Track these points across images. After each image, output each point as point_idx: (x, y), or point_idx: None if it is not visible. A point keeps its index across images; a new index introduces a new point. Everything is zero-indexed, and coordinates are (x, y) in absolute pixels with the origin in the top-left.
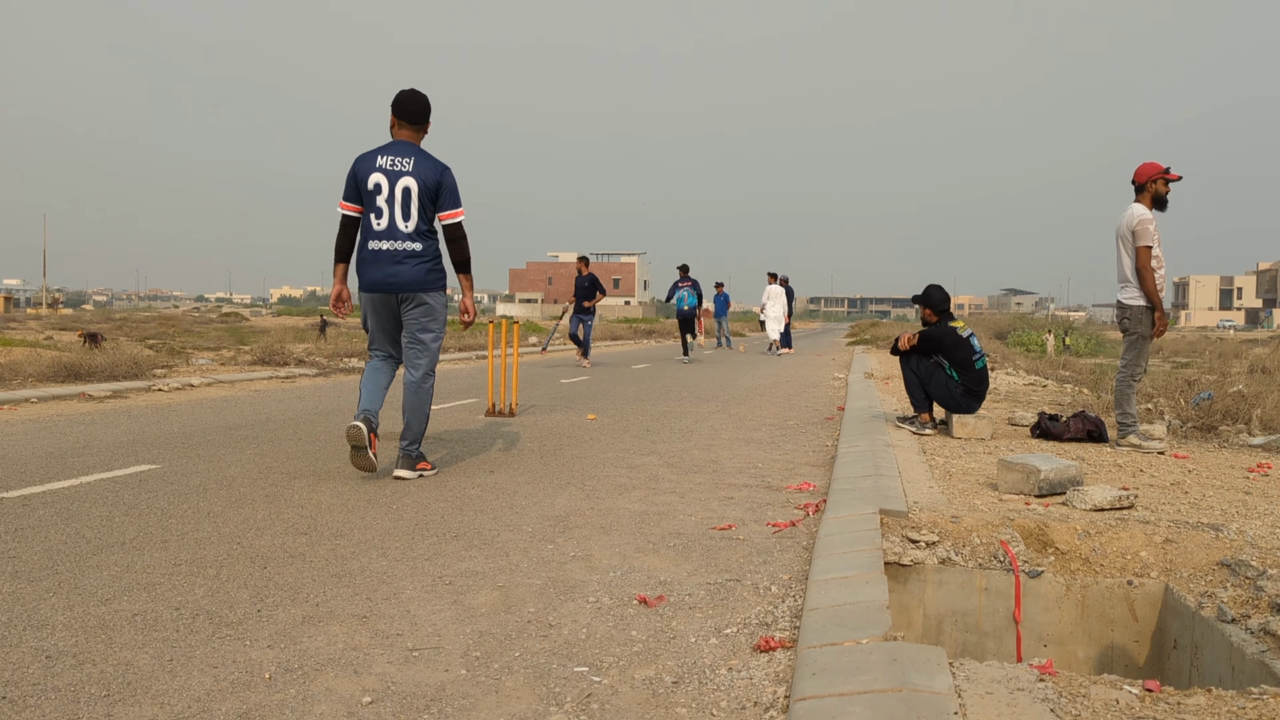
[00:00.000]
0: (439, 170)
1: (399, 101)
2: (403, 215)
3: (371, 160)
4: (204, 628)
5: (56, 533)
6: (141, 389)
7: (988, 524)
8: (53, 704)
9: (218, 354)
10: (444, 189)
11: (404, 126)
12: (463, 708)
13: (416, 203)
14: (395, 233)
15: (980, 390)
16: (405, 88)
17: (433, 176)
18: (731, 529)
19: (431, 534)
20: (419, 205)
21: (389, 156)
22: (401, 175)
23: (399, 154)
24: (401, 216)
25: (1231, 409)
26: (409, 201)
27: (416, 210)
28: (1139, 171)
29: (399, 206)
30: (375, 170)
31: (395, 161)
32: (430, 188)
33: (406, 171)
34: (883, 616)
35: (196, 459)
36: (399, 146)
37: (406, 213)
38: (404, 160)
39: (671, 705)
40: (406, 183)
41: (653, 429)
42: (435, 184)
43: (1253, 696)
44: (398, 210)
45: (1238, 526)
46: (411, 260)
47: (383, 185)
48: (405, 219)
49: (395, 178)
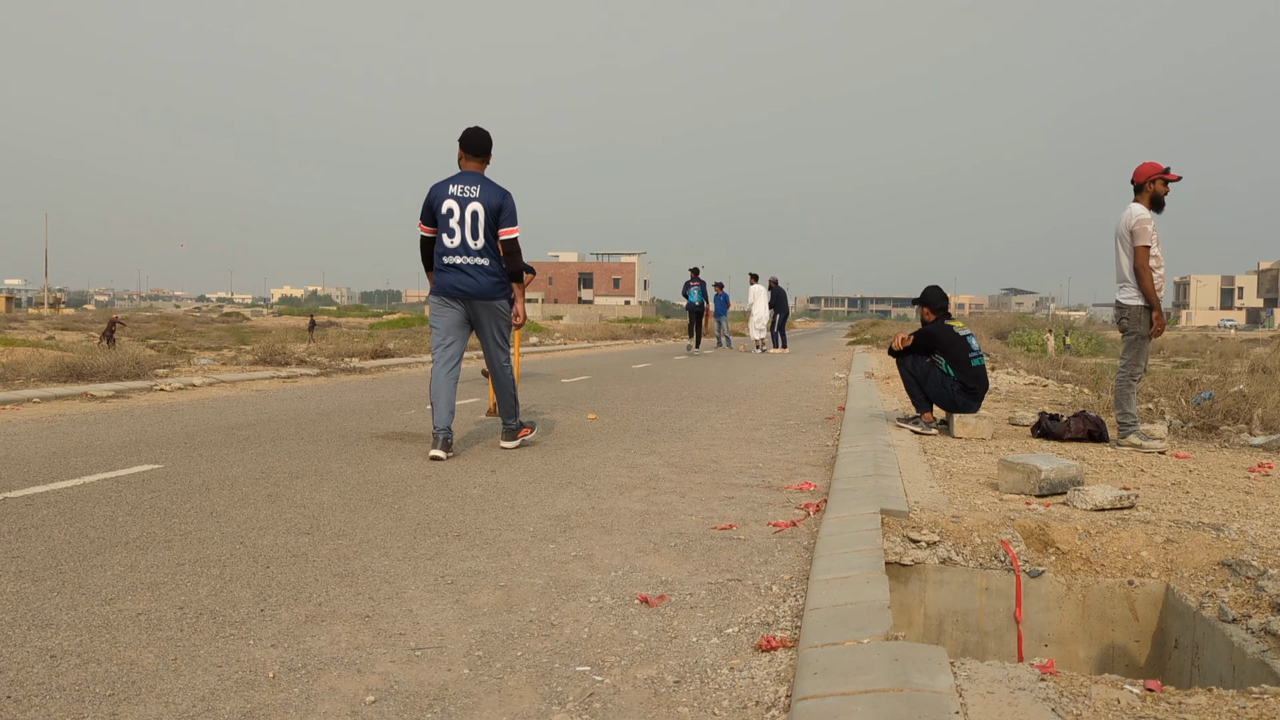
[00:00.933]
0: (501, 195)
1: (466, 137)
2: (472, 235)
3: (444, 188)
4: (208, 627)
5: (60, 532)
6: (144, 389)
7: (989, 524)
8: (57, 703)
9: (219, 354)
10: (504, 210)
11: (470, 158)
12: (465, 707)
13: (484, 224)
14: (466, 249)
15: (978, 389)
16: (470, 125)
17: (496, 200)
18: (732, 529)
19: (433, 533)
20: (485, 225)
21: (459, 185)
22: (470, 200)
23: (467, 182)
24: (471, 236)
25: (1232, 409)
26: (477, 223)
27: (484, 230)
28: (1138, 171)
29: (469, 227)
30: (448, 197)
31: (465, 189)
32: (494, 210)
33: (475, 197)
34: (884, 616)
35: (199, 459)
36: (467, 176)
37: (475, 232)
38: (472, 188)
39: (673, 704)
40: (475, 207)
41: (653, 429)
42: (498, 206)
43: (1254, 696)
44: (468, 230)
45: (1239, 526)
46: (480, 273)
47: (455, 210)
48: (474, 238)
49: (465, 203)
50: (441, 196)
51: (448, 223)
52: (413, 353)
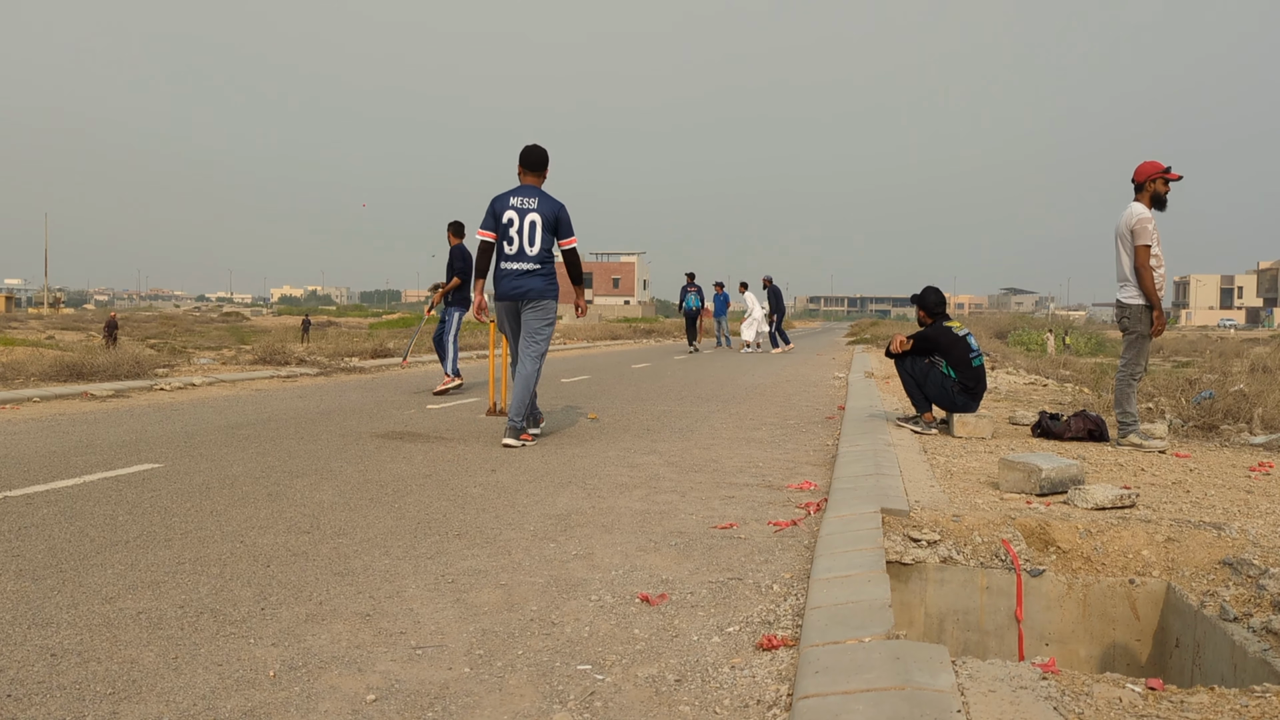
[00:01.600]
0: (557, 207)
1: (525, 154)
2: (529, 242)
3: (505, 200)
4: (208, 626)
5: (60, 531)
6: (143, 388)
7: (989, 523)
8: (58, 701)
9: (219, 353)
10: (561, 222)
11: (529, 173)
12: (466, 705)
13: (540, 233)
14: (523, 256)
15: (977, 389)
16: (529, 143)
17: (552, 212)
18: (733, 528)
19: (434, 532)
20: (541, 234)
21: (519, 197)
22: (529, 212)
23: (527, 195)
24: (528, 243)
25: (1233, 408)
26: (534, 232)
27: (540, 239)
28: (1139, 170)
29: (526, 236)
30: (509, 208)
31: (524, 201)
32: (550, 221)
33: (533, 209)
34: (885, 615)
35: (199, 458)
36: (526, 189)
37: (532, 240)
38: (531, 200)
39: (675, 703)
40: (532, 217)
41: (653, 428)
42: (554, 218)
43: (1256, 695)
44: (526, 238)
45: (1240, 525)
46: (533, 276)
47: (515, 219)
48: (531, 245)
49: (525, 213)
50: (503, 207)
51: (508, 231)
52: (412, 352)
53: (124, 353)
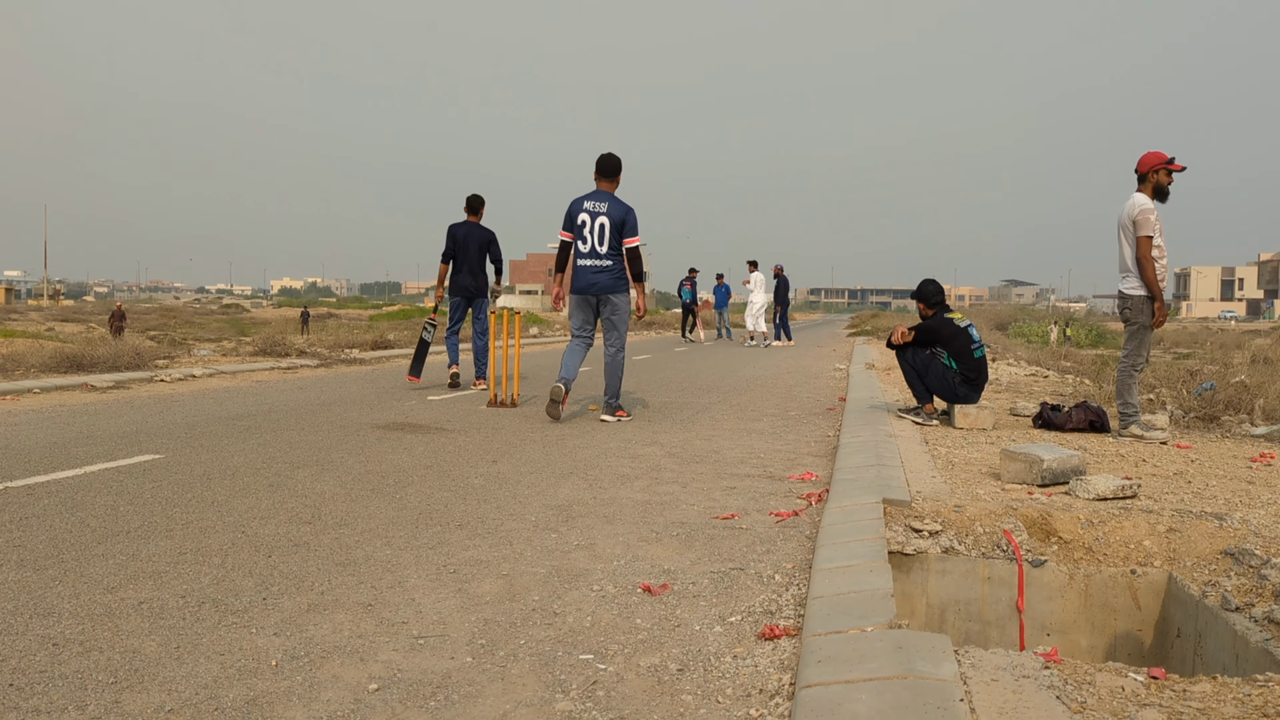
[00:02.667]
0: (625, 211)
1: (600, 162)
2: (599, 241)
3: (580, 203)
4: (210, 615)
5: (61, 522)
6: (144, 379)
7: (991, 513)
8: (60, 691)
9: (219, 345)
10: (627, 224)
11: (603, 180)
12: (469, 695)
13: (610, 234)
14: (595, 254)
15: (978, 380)
16: (605, 151)
17: (620, 215)
18: (734, 518)
19: (435, 523)
20: (610, 235)
21: (592, 201)
22: (600, 215)
23: (599, 200)
24: (598, 242)
25: (1234, 399)
26: (604, 233)
27: (609, 238)
28: (1141, 161)
29: (597, 236)
30: (582, 211)
31: (596, 205)
32: (618, 223)
33: (603, 212)
34: (887, 604)
35: (200, 449)
36: (599, 194)
37: (602, 240)
38: (601, 204)
39: (677, 692)
40: (603, 220)
41: (654, 419)
42: (621, 220)
43: (1258, 684)
44: (596, 238)
45: (1241, 515)
46: (603, 273)
47: (588, 221)
48: (601, 244)
49: (595, 216)
50: (577, 210)
51: (582, 231)
52: (412, 344)
53: (124, 344)
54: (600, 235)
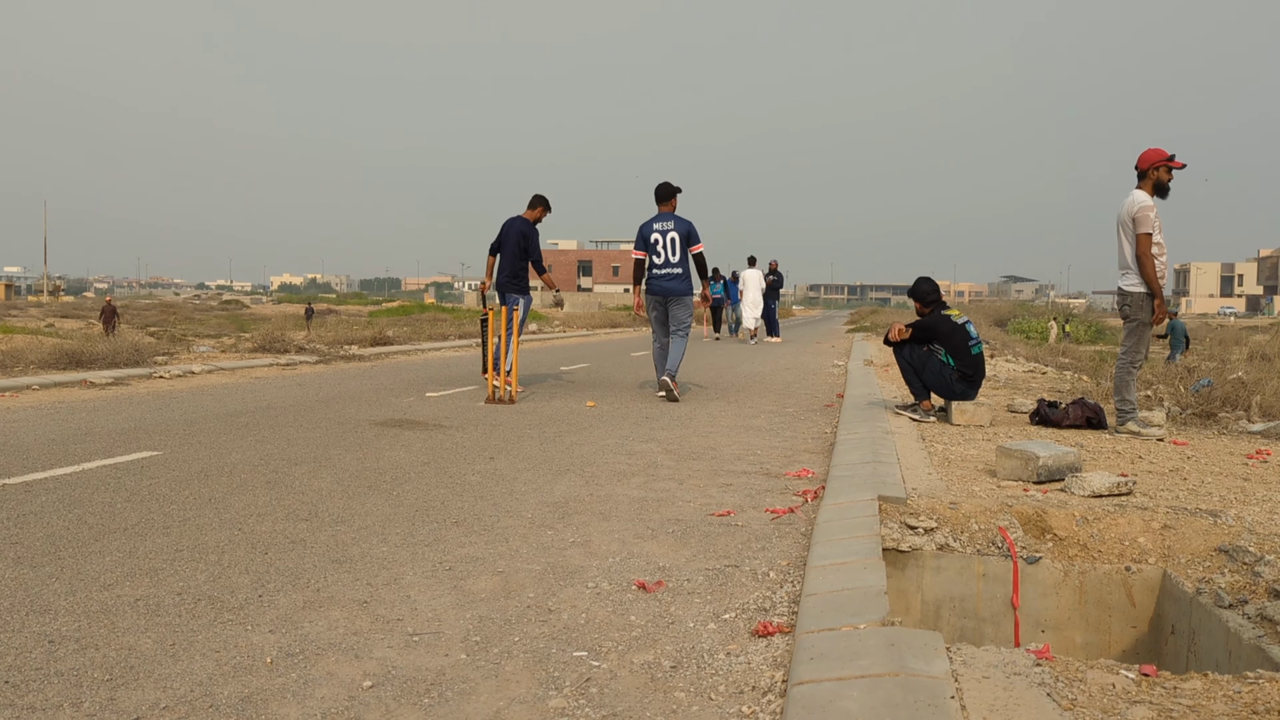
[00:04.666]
0: (687, 225)
1: (657, 190)
2: (671, 254)
3: (650, 225)
4: (205, 613)
5: (59, 519)
6: (143, 376)
7: (986, 510)
8: (55, 688)
9: (219, 341)
10: (690, 235)
11: (662, 204)
12: (463, 692)
13: (679, 246)
14: (668, 264)
15: (976, 376)
16: (661, 181)
17: (684, 229)
18: (730, 515)
19: (431, 520)
20: (680, 247)
21: (660, 222)
22: (669, 232)
23: (665, 220)
24: (671, 254)
25: (1231, 396)
26: (675, 245)
27: (679, 250)
28: (1142, 157)
29: (669, 249)
30: (654, 231)
31: (664, 225)
32: (684, 235)
33: (671, 229)
34: (881, 602)
35: (198, 445)
36: (663, 216)
37: (674, 252)
38: (668, 223)
39: (670, 689)
40: (672, 235)
41: (651, 416)
42: (686, 233)
43: (1249, 681)
44: (669, 251)
45: (1236, 513)
46: (675, 280)
47: (659, 239)
48: (674, 255)
49: (665, 234)
50: (649, 231)
51: (655, 247)
52: (412, 340)
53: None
54: (672, 248)
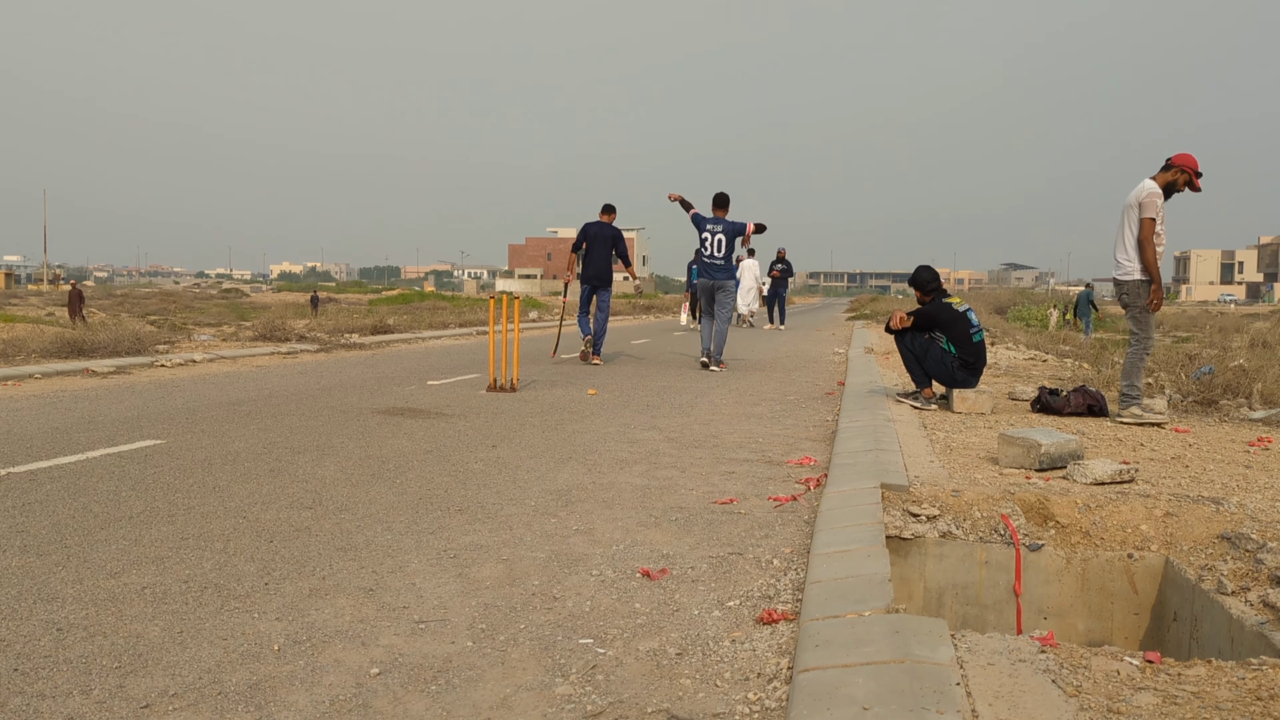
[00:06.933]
0: (735, 226)
1: (715, 197)
2: (717, 250)
3: (704, 222)
4: (212, 600)
5: (64, 507)
6: (144, 365)
7: (988, 498)
8: (64, 675)
9: (219, 330)
10: (736, 231)
11: (717, 209)
12: (470, 679)
13: (725, 245)
14: (714, 257)
15: (977, 364)
16: (719, 190)
17: (732, 230)
18: (733, 503)
19: (435, 508)
20: (725, 245)
21: (713, 224)
22: (718, 232)
23: (717, 223)
24: (716, 250)
25: (1232, 383)
26: (721, 245)
27: (724, 247)
28: (1179, 155)
29: (715, 246)
30: (707, 230)
31: (715, 226)
32: (730, 234)
33: (720, 230)
34: (885, 589)
35: (201, 434)
36: (716, 219)
37: (719, 248)
38: (719, 226)
39: (676, 676)
40: (720, 236)
41: (653, 404)
42: (733, 234)
43: (1252, 667)
44: (715, 247)
45: (1238, 500)
46: (720, 270)
47: (709, 237)
48: (719, 251)
49: (715, 233)
50: (704, 225)
51: (706, 242)
52: (412, 329)
53: (124, 329)
54: (719, 246)
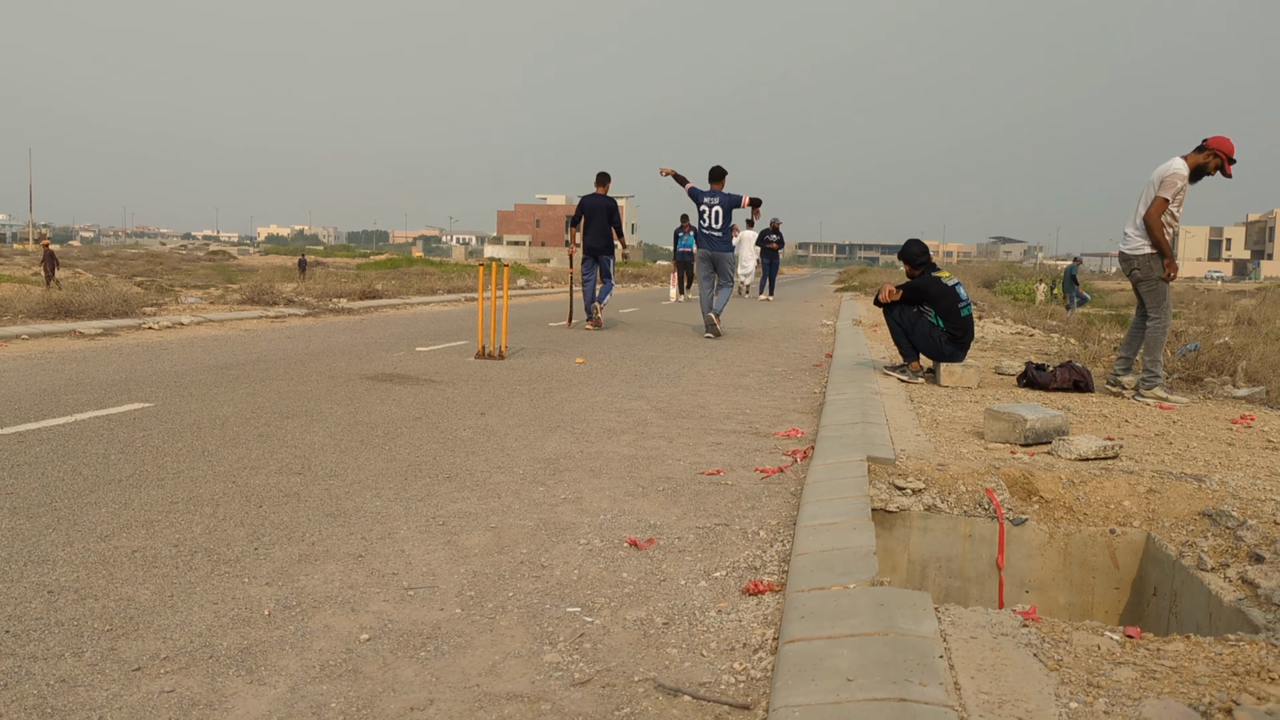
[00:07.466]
0: (732, 199)
1: (712, 171)
2: (714, 221)
3: (701, 196)
4: (202, 565)
5: (53, 469)
6: (132, 327)
7: (973, 472)
8: (56, 638)
9: (206, 292)
10: (733, 201)
11: (713, 182)
12: (458, 645)
13: (722, 216)
14: (712, 228)
15: (965, 338)
16: (715, 164)
17: (729, 201)
18: (720, 474)
19: (424, 475)
20: (723, 215)
21: (710, 196)
22: (715, 205)
23: (712, 195)
24: (714, 221)
25: (1217, 361)
26: (718, 216)
27: (723, 218)
28: (1215, 139)
29: (713, 217)
30: (703, 202)
31: (711, 199)
32: (726, 206)
33: (717, 203)
34: (870, 562)
35: (189, 397)
36: (713, 192)
37: (716, 220)
38: (715, 198)
39: (662, 645)
40: (717, 208)
41: (641, 374)
42: (729, 205)
43: (1230, 643)
44: (712, 219)
45: (1220, 477)
46: (719, 241)
47: (706, 210)
48: (716, 222)
49: (712, 205)
50: (701, 197)
51: (704, 214)
52: (400, 294)
53: (111, 290)
54: (715, 217)
